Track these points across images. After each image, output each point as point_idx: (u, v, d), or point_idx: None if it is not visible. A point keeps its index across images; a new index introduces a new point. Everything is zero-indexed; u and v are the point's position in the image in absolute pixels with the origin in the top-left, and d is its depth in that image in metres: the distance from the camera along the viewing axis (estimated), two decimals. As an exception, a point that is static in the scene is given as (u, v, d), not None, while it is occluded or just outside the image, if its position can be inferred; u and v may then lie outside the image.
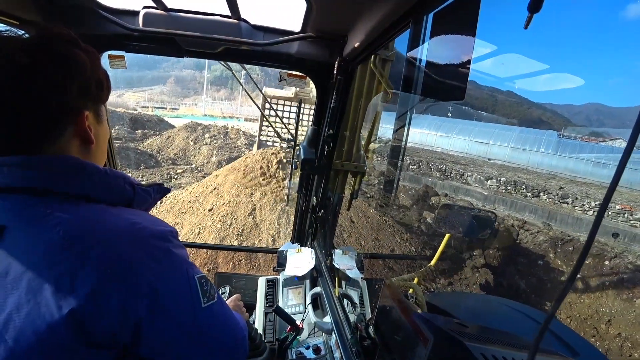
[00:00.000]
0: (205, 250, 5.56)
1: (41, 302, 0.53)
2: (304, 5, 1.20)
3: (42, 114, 0.63)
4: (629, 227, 11.15)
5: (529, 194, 13.99)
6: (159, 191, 0.82)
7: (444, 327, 0.76)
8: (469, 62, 0.67)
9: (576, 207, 12.81)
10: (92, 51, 0.71)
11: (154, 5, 1.37)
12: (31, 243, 0.56)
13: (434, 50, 0.78)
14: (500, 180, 14.76)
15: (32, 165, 0.61)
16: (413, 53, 0.86)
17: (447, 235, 2.03)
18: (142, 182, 0.77)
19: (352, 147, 2.15)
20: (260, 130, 11.25)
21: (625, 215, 11.87)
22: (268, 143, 11.26)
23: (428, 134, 24.79)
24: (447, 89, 0.75)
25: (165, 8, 1.39)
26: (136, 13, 1.43)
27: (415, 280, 2.15)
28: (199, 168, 14.07)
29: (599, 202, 12.37)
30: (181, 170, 13.06)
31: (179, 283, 0.65)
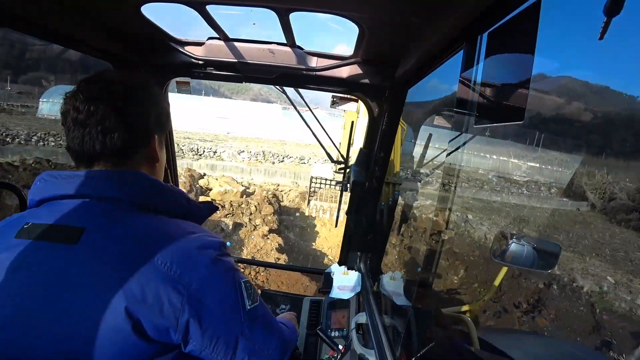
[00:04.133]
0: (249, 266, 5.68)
1: (112, 299, 0.61)
2: (356, 31, 1.23)
3: (131, 135, 0.77)
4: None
5: (275, 160, 16.41)
6: (210, 208, 0.92)
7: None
8: (528, 81, 0.64)
9: (311, 165, 15.21)
10: (163, 89, 0.89)
11: (217, 36, 1.48)
12: (106, 245, 0.66)
13: (490, 70, 0.75)
14: (250, 152, 16.55)
15: (115, 178, 0.74)
16: (467, 74, 0.84)
17: (504, 268, 1.88)
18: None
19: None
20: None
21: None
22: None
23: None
24: (505, 110, 0.72)
25: (227, 38, 1.50)
26: (202, 44, 1.56)
27: (468, 314, 2.01)
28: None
29: (322, 158, 14.69)
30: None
31: (227, 287, 0.74)
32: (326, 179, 9.03)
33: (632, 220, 12.60)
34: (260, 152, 16.22)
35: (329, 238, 11.25)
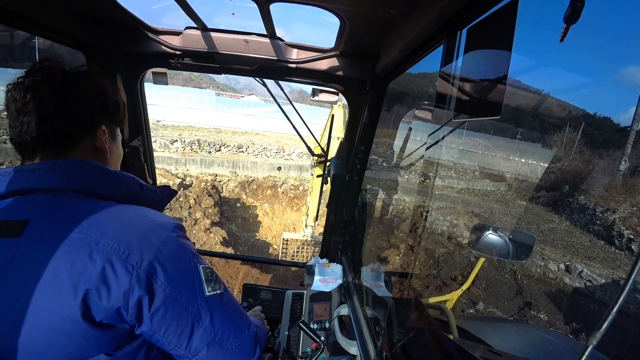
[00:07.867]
0: (229, 261, 5.62)
1: (58, 287, 0.60)
2: (338, 23, 1.22)
3: (71, 123, 0.76)
4: (284, 160, 15.51)
5: (212, 149, 15.56)
6: (167, 192, 0.89)
7: (476, 355, 0.72)
8: (505, 77, 0.65)
9: (249, 154, 15.79)
10: (113, 82, 0.83)
11: (195, 25, 1.44)
12: (51, 234, 0.63)
13: (468, 65, 0.76)
14: (184, 141, 15.32)
15: (55, 169, 0.71)
16: (446, 69, 0.85)
17: (481, 259, 1.94)
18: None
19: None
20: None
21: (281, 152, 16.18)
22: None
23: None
24: (483, 105, 0.73)
25: (205, 28, 1.47)
26: (179, 33, 1.52)
27: (447, 303, 2.06)
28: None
29: (261, 146, 16.17)
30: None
31: (182, 270, 0.70)
32: (296, 239, 8.82)
33: (540, 197, 14.35)
34: (195, 141, 15.25)
35: (272, 227, 11.41)
